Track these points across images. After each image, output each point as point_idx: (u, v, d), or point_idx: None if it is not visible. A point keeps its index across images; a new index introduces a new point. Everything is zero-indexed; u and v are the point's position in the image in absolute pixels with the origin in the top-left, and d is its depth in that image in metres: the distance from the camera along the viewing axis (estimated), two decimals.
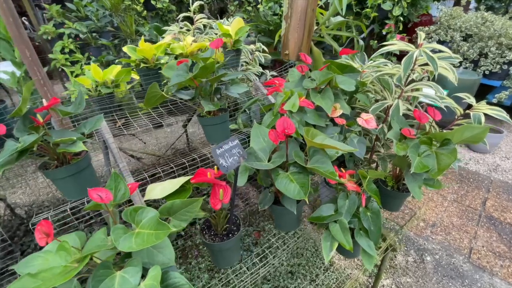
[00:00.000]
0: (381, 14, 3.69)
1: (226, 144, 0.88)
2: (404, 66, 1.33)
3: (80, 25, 3.74)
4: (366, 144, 1.30)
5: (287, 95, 1.29)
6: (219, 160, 0.83)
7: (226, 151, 0.88)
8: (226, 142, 0.89)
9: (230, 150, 0.89)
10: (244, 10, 5.81)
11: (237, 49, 2.16)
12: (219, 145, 0.86)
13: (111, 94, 1.81)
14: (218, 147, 0.86)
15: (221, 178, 1.00)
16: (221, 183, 0.93)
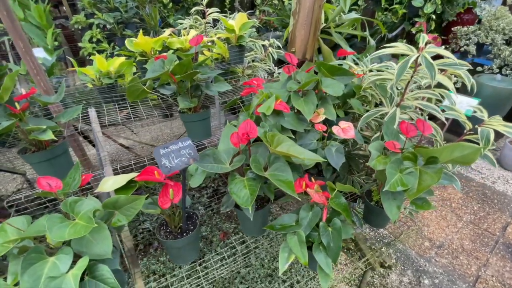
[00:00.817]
0: (412, 11, 3.39)
1: (174, 144, 0.87)
2: (398, 71, 1.20)
3: (108, 16, 3.95)
4: (343, 154, 1.21)
5: (263, 97, 1.24)
6: (161, 160, 0.82)
7: (173, 152, 0.86)
8: (175, 142, 0.88)
9: (178, 151, 0.87)
10: (271, 3, 5.70)
11: (240, 45, 2.13)
12: (166, 145, 0.85)
13: (112, 85, 1.89)
14: (163, 147, 0.85)
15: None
16: (170, 182, 0.92)
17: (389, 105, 1.47)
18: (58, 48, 3.90)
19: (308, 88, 1.35)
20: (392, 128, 1.27)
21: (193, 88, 1.32)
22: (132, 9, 4.24)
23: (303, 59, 2.25)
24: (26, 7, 3.61)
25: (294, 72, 1.36)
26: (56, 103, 1.15)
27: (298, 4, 2.08)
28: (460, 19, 3.80)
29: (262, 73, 2.69)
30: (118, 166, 1.26)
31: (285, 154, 0.98)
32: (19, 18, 3.54)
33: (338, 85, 1.31)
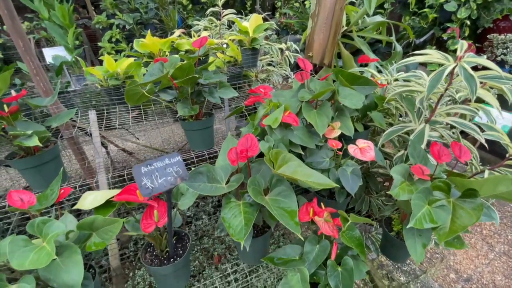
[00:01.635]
0: (443, 15, 3.12)
1: (160, 161, 0.75)
2: (430, 83, 1.02)
3: (127, 16, 3.97)
4: (360, 177, 1.04)
5: (269, 107, 1.10)
6: (142, 180, 0.71)
7: (158, 170, 0.74)
8: (161, 158, 0.76)
9: (163, 169, 0.75)
10: (291, 6, 5.57)
11: (254, 48, 2.00)
12: (149, 161, 0.74)
13: (118, 86, 1.82)
14: (146, 164, 0.73)
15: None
16: (154, 203, 0.80)
17: (416, 121, 1.28)
18: (79, 47, 3.98)
19: (323, 98, 1.20)
20: (420, 149, 1.09)
21: (194, 94, 1.21)
22: (152, 10, 4.25)
23: (320, 64, 2.08)
24: (51, 6, 3.70)
25: (308, 80, 1.21)
26: (45, 106, 1.07)
27: (317, 6, 1.93)
28: (496, 26, 3.46)
29: (277, 77, 2.55)
30: (109, 176, 1.17)
31: (290, 177, 0.83)
32: (43, 17, 3.64)
33: (358, 96, 1.15)
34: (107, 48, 3.91)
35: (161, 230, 0.93)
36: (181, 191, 0.93)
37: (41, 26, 4.15)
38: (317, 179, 0.86)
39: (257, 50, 2.06)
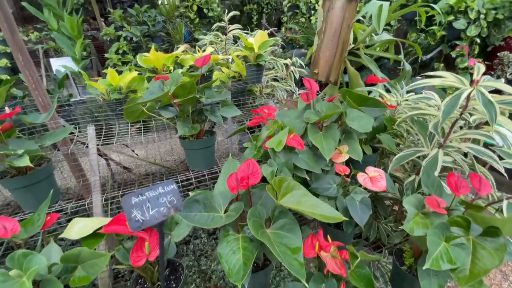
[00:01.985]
0: (452, 33, 3.09)
1: (153, 190, 0.69)
2: (445, 109, 0.96)
3: (135, 29, 4.03)
4: (370, 208, 0.97)
5: (273, 129, 1.04)
6: (131, 212, 0.65)
7: (150, 200, 0.68)
8: (154, 187, 0.70)
9: (156, 199, 0.69)
10: (297, 21, 5.61)
11: (258, 64, 1.97)
12: (141, 191, 0.68)
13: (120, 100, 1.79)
14: (137, 194, 0.67)
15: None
16: (145, 235, 0.74)
17: (428, 145, 1.21)
18: (86, 58, 4.02)
19: (330, 120, 1.14)
20: (434, 177, 1.02)
21: (196, 112, 1.17)
22: (159, 23, 4.31)
23: (326, 81, 2.04)
24: (60, 18, 3.78)
25: (314, 101, 1.16)
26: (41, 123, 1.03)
27: (324, 23, 1.91)
28: (506, 44, 3.42)
29: (281, 92, 2.52)
30: (104, 197, 1.11)
31: (294, 209, 0.77)
32: (52, 28, 3.70)
33: (367, 119, 1.09)
34: (113, 60, 3.94)
35: (153, 262, 0.86)
36: (176, 220, 0.87)
37: (50, 36, 4.22)
38: (324, 210, 0.79)
39: (262, 66, 2.03)
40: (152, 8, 4.49)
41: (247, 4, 7.37)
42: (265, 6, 7.21)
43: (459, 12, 2.87)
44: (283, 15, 6.15)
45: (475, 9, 2.67)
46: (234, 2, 7.96)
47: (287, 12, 5.95)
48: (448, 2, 2.84)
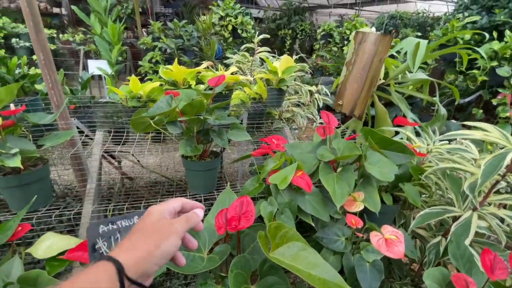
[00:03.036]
0: (494, 79, 2.87)
1: (126, 219, 0.61)
2: (485, 169, 0.81)
3: (170, 41, 4.20)
4: (382, 273, 0.81)
5: (280, 162, 0.93)
6: (95, 243, 0.56)
7: (121, 231, 0.59)
8: (129, 216, 0.61)
9: (128, 229, 0.60)
10: (329, 49, 5.61)
11: (280, 89, 1.91)
12: (111, 219, 0.59)
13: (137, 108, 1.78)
14: (106, 222, 0.58)
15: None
16: None
17: (461, 206, 1.04)
18: (121, 62, 4.23)
19: (346, 161, 1.02)
20: (465, 248, 0.84)
21: (202, 132, 1.10)
22: (194, 38, 4.47)
23: (350, 114, 1.92)
24: (105, 24, 4.05)
25: (331, 136, 1.04)
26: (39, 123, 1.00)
27: (354, 55, 1.82)
28: None
29: (302, 119, 2.42)
30: (93, 208, 1.04)
31: (287, 267, 0.64)
32: (95, 32, 3.97)
33: (390, 165, 0.95)
34: (146, 67, 4.11)
35: None
36: None
37: (93, 39, 4.52)
38: (323, 273, 0.65)
39: (284, 91, 1.96)
40: (190, 24, 4.69)
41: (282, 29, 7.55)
42: (299, 32, 7.33)
43: (503, 58, 2.67)
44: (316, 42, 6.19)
45: None
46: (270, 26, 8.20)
47: (320, 39, 5.99)
48: (492, 47, 2.66)
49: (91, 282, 0.37)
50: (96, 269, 0.38)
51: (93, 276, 0.38)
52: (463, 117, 3.73)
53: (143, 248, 0.42)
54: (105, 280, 0.37)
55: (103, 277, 0.37)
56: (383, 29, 6.56)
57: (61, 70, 2.38)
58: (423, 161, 1.28)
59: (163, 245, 0.43)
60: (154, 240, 0.43)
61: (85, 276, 0.37)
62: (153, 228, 0.45)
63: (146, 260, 0.41)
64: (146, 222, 0.47)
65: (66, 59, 5.01)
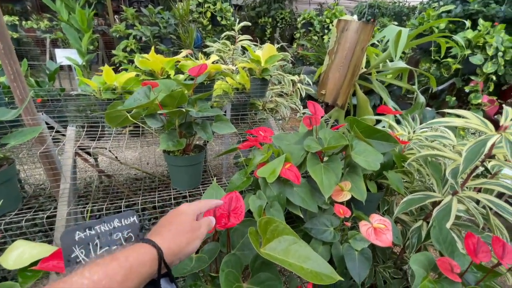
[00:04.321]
0: (467, 68, 3.00)
1: (105, 223, 0.56)
2: (467, 156, 0.83)
3: (145, 29, 3.98)
4: (371, 261, 0.83)
5: (268, 155, 0.91)
6: (71, 252, 0.51)
7: (100, 236, 0.55)
8: (109, 219, 0.57)
9: (108, 234, 0.56)
10: (310, 38, 5.59)
11: (263, 78, 1.87)
12: (89, 223, 0.54)
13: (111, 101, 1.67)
14: (83, 228, 0.53)
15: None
16: None
17: (441, 191, 1.08)
18: (92, 52, 3.97)
19: (333, 151, 1.02)
20: (447, 232, 0.88)
21: (184, 126, 1.04)
22: (171, 26, 4.27)
23: (333, 104, 1.93)
24: (72, 10, 3.74)
25: (317, 127, 1.03)
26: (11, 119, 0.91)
27: (336, 44, 1.81)
28: None
29: (285, 109, 2.41)
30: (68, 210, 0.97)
31: (280, 263, 0.62)
32: (62, 19, 3.66)
33: (375, 154, 0.96)
34: (120, 57, 3.88)
35: None
36: None
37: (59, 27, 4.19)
38: (315, 265, 0.65)
39: (267, 81, 1.92)
40: (166, 10, 4.47)
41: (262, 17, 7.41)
42: (280, 21, 7.23)
43: (476, 47, 2.79)
44: (297, 31, 6.15)
45: (494, 46, 2.58)
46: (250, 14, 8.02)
47: (300, 28, 5.94)
48: (466, 35, 2.75)
49: (138, 261, 0.41)
50: (141, 249, 0.43)
51: (140, 256, 0.42)
52: (437, 104, 3.89)
53: (178, 242, 0.48)
54: (149, 261, 0.42)
55: (147, 259, 0.42)
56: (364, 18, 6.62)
57: (24, 60, 2.18)
58: (404, 149, 1.31)
59: (191, 245, 0.50)
60: (187, 238, 0.49)
61: (135, 255, 0.41)
62: (187, 227, 0.51)
63: (177, 253, 0.47)
64: (181, 219, 0.52)
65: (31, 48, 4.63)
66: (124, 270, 0.38)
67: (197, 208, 0.55)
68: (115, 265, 0.38)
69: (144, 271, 0.40)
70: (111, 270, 0.37)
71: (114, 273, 0.37)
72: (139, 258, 0.41)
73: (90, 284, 0.34)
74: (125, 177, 2.23)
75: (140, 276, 0.40)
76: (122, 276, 0.37)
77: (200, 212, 0.56)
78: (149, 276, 0.42)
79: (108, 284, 0.35)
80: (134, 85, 1.75)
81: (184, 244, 0.48)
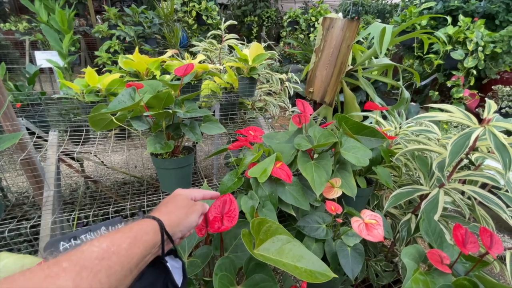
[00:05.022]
0: (449, 63, 3.09)
1: (92, 232, 0.54)
2: (452, 149, 0.85)
3: (129, 29, 3.89)
4: (363, 256, 0.83)
5: (258, 155, 0.90)
6: None
7: None
8: (95, 228, 0.55)
9: None
10: (296, 37, 5.61)
11: (251, 77, 1.86)
12: (74, 234, 0.52)
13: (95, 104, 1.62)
14: (68, 238, 0.51)
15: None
16: None
17: (428, 183, 1.10)
18: (74, 53, 3.84)
19: (323, 148, 1.02)
20: (435, 225, 0.90)
21: (171, 127, 1.02)
22: (156, 26, 4.19)
23: (321, 101, 1.94)
24: (52, 10, 3.61)
25: (306, 125, 1.04)
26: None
27: (323, 41, 1.82)
28: (501, 77, 3.46)
29: (274, 108, 2.41)
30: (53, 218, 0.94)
31: (273, 263, 0.62)
32: (41, 20, 3.53)
33: (363, 150, 0.97)
34: (103, 58, 3.78)
35: None
36: None
37: (39, 28, 4.04)
38: (309, 264, 0.65)
39: (255, 80, 1.91)
40: (150, 9, 4.38)
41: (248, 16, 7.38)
42: (266, 20, 7.23)
43: (457, 42, 2.87)
44: (283, 29, 6.16)
45: (474, 41, 2.67)
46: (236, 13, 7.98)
47: (286, 27, 5.96)
48: (447, 31, 2.83)
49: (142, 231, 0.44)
50: (143, 222, 0.46)
51: (143, 227, 0.45)
52: (420, 99, 3.99)
53: (176, 214, 0.52)
54: (152, 230, 0.45)
55: (150, 229, 0.45)
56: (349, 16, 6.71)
57: (2, 64, 2.08)
58: (391, 145, 1.33)
59: (189, 217, 0.54)
60: (185, 211, 0.54)
61: (138, 226, 0.44)
62: (183, 203, 0.55)
63: (177, 224, 0.50)
64: (177, 198, 0.56)
65: (9, 51, 4.43)
66: (129, 238, 0.41)
67: (190, 194, 0.59)
68: (120, 235, 0.42)
69: (148, 238, 0.44)
70: (118, 239, 0.41)
71: (120, 241, 0.40)
72: (142, 228, 0.44)
73: (100, 251, 0.37)
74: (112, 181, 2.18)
75: (145, 243, 0.43)
76: (127, 243, 0.41)
77: (194, 197, 0.60)
78: (153, 245, 0.44)
79: (116, 250, 0.39)
80: (118, 87, 1.70)
81: (183, 215, 0.52)
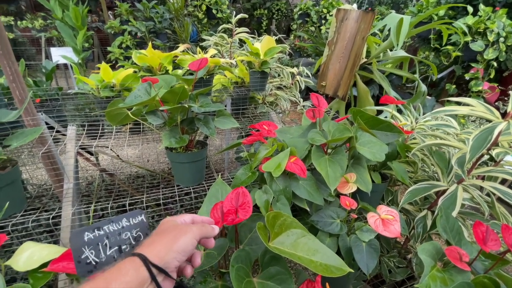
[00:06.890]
0: (468, 55, 2.97)
1: (114, 223, 0.55)
2: (473, 144, 0.82)
3: (140, 24, 3.92)
4: (378, 252, 0.83)
5: (272, 149, 0.90)
6: (81, 253, 0.51)
7: (109, 236, 0.54)
8: (116, 219, 0.56)
9: (117, 234, 0.55)
10: (307, 29, 5.52)
11: (263, 71, 1.85)
12: (97, 225, 0.54)
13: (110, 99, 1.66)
14: (92, 229, 0.53)
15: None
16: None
17: (446, 180, 1.07)
18: (88, 49, 3.91)
19: (338, 143, 1.01)
20: (454, 221, 0.88)
21: (186, 122, 1.03)
22: (166, 20, 4.21)
23: (333, 95, 1.91)
24: (66, 7, 3.67)
25: (320, 119, 1.02)
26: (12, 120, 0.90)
27: (336, 34, 1.78)
28: None
29: (285, 102, 2.39)
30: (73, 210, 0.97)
31: (289, 256, 0.62)
32: (56, 17, 3.59)
33: (379, 145, 0.95)
34: (116, 54, 3.84)
35: None
36: None
37: (54, 25, 4.12)
38: (324, 258, 0.65)
39: (267, 74, 1.90)
40: (161, 5, 4.40)
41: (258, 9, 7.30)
42: (276, 12, 7.13)
43: (477, 33, 2.76)
44: (293, 22, 6.06)
45: (495, 32, 2.55)
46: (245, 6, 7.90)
47: (297, 19, 5.86)
48: (466, 22, 2.72)
49: (120, 273, 0.41)
50: (121, 264, 0.42)
51: (120, 268, 0.42)
52: (436, 93, 3.87)
53: (161, 243, 0.46)
54: (132, 268, 0.41)
55: (129, 268, 0.41)
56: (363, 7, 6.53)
57: (21, 60, 2.14)
58: (407, 139, 1.30)
59: (180, 241, 0.47)
60: (173, 236, 0.48)
61: (115, 270, 0.41)
62: (170, 229, 0.50)
63: (165, 252, 0.45)
64: (161, 227, 0.51)
65: (26, 48, 4.56)
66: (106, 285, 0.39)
67: (178, 219, 0.54)
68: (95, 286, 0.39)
69: (128, 279, 0.40)
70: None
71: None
72: (120, 270, 0.41)
73: None
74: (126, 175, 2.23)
75: (126, 284, 0.40)
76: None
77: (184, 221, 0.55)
78: (139, 284, 0.41)
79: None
80: (132, 82, 1.73)
81: (169, 240, 0.47)
